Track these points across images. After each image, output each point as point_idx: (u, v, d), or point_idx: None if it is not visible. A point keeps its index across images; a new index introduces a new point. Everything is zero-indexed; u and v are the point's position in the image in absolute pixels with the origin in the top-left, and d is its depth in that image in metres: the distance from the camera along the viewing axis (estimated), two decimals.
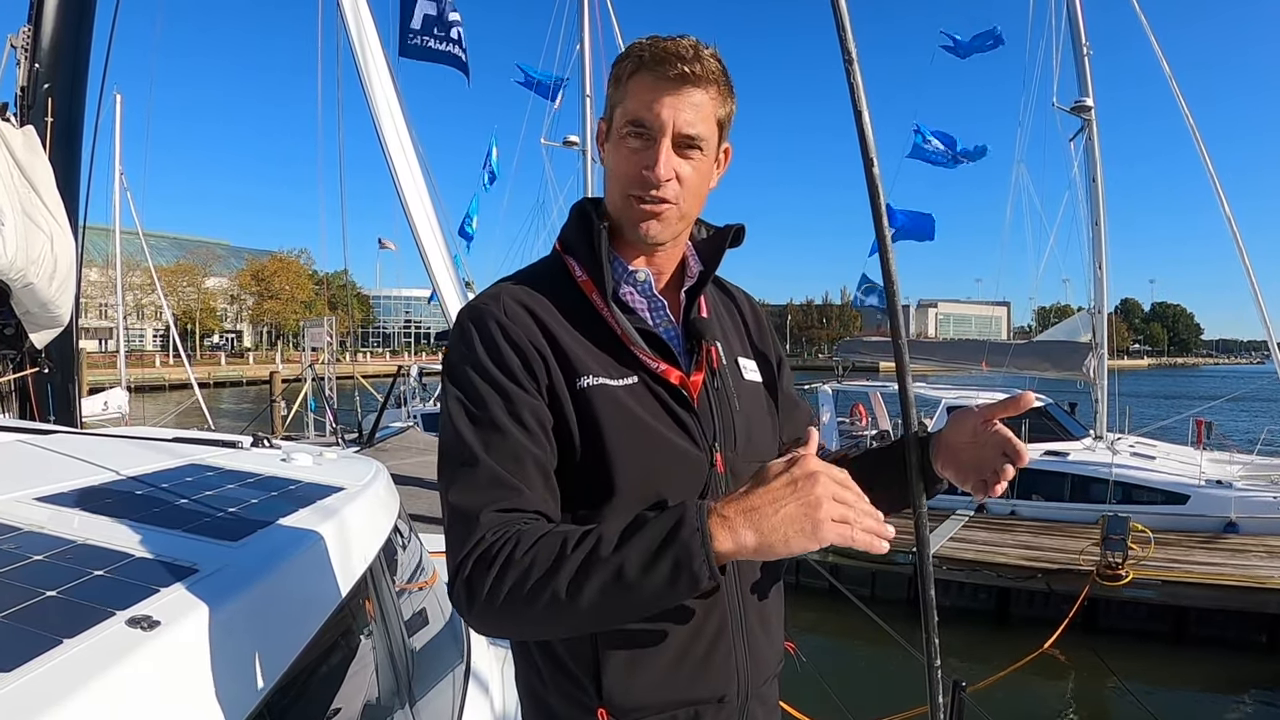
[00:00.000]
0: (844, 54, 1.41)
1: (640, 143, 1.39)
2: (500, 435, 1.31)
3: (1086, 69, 17.24)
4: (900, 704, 6.71)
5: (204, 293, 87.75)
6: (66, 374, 4.39)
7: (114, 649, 1.09)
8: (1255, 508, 12.90)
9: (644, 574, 1.15)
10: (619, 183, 1.43)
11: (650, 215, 1.41)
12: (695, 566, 1.14)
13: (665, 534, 1.16)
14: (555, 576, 1.17)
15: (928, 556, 1.53)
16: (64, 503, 1.72)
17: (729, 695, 1.43)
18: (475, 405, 1.34)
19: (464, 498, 1.28)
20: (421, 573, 2.90)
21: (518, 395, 1.34)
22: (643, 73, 1.38)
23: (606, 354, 1.42)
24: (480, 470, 1.29)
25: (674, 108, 1.37)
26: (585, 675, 1.37)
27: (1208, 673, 10.12)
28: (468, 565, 1.22)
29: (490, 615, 1.22)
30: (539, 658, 1.42)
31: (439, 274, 5.56)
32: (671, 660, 1.38)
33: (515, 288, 1.45)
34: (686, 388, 1.44)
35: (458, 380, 1.37)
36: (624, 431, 1.37)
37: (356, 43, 5.39)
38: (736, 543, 1.16)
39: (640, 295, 1.51)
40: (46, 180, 3.82)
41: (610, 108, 1.46)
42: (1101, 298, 17.61)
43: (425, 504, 9.98)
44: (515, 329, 1.38)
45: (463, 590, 1.23)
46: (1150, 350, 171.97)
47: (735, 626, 1.44)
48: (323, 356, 23.63)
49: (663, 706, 1.39)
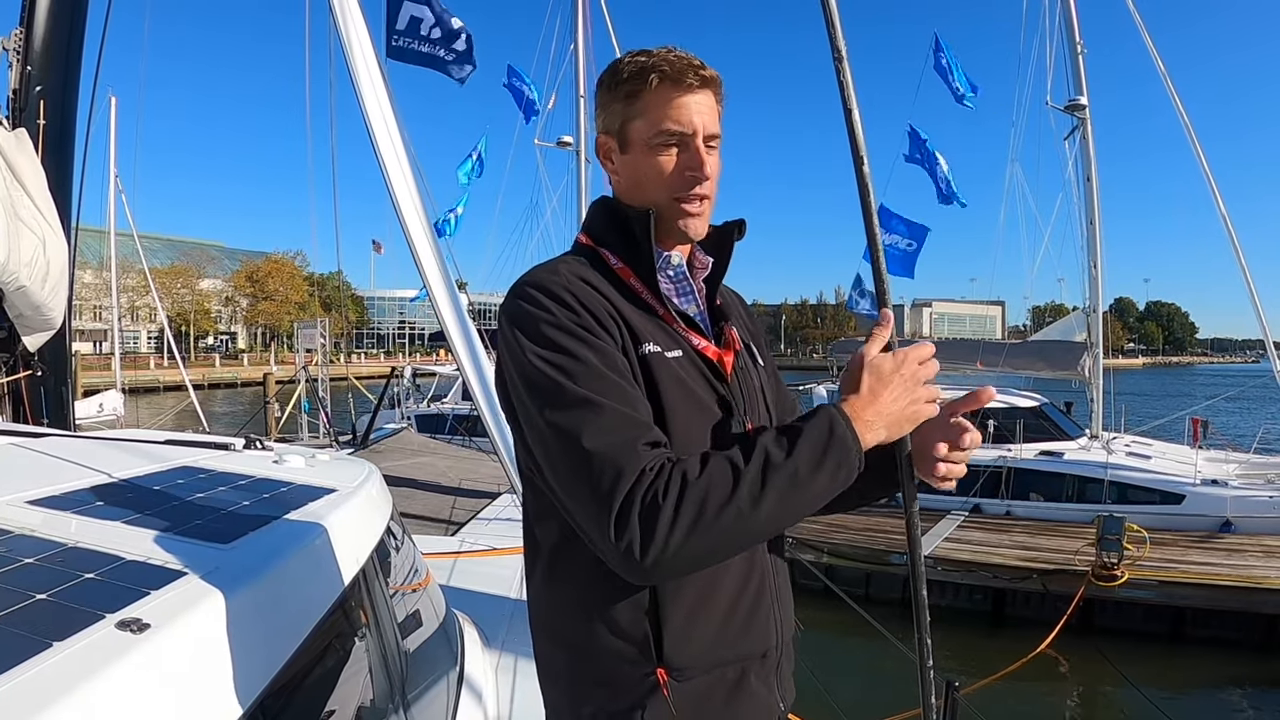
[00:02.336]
0: (833, 51, 1.42)
1: (677, 150, 1.51)
2: (609, 383, 1.35)
3: (1081, 68, 17.26)
4: (895, 705, 6.70)
5: (198, 294, 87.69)
6: (60, 377, 4.39)
7: (103, 652, 1.09)
8: (1251, 507, 12.93)
9: (814, 473, 1.30)
10: (662, 189, 1.52)
11: (695, 214, 1.54)
12: (853, 461, 1.33)
13: (826, 439, 1.32)
14: (738, 491, 1.25)
15: (920, 559, 1.56)
16: (56, 506, 1.72)
17: (770, 650, 1.53)
18: (572, 358, 1.35)
19: (602, 440, 1.28)
20: (415, 575, 2.90)
21: (608, 349, 1.39)
22: (666, 85, 1.49)
23: (656, 326, 1.50)
24: (607, 413, 1.31)
25: (699, 113, 1.50)
26: (642, 639, 1.41)
27: (1204, 673, 10.12)
28: (635, 504, 1.24)
29: (674, 546, 1.23)
30: (587, 625, 1.44)
31: (431, 275, 5.55)
32: (722, 619, 1.46)
33: (567, 265, 1.51)
34: (723, 363, 1.55)
35: (539, 339, 1.38)
36: (680, 399, 1.44)
37: (347, 44, 5.38)
38: (875, 437, 1.37)
39: (670, 280, 1.61)
40: (38, 183, 3.81)
41: (621, 121, 1.55)
42: (1096, 297, 17.65)
43: (419, 505, 9.99)
44: (586, 293, 1.44)
45: (636, 528, 1.23)
46: (1145, 349, 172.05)
47: (769, 585, 1.55)
48: (317, 358, 23.64)
49: (715, 663, 1.45)
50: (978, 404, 1.53)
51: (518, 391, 1.40)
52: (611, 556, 1.27)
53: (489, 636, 3.38)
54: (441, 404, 24.64)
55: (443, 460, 14.37)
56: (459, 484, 11.60)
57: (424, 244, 5.48)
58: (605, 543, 1.25)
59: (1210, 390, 44.69)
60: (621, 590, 1.40)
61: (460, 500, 10.25)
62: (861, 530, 13.28)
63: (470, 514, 9.20)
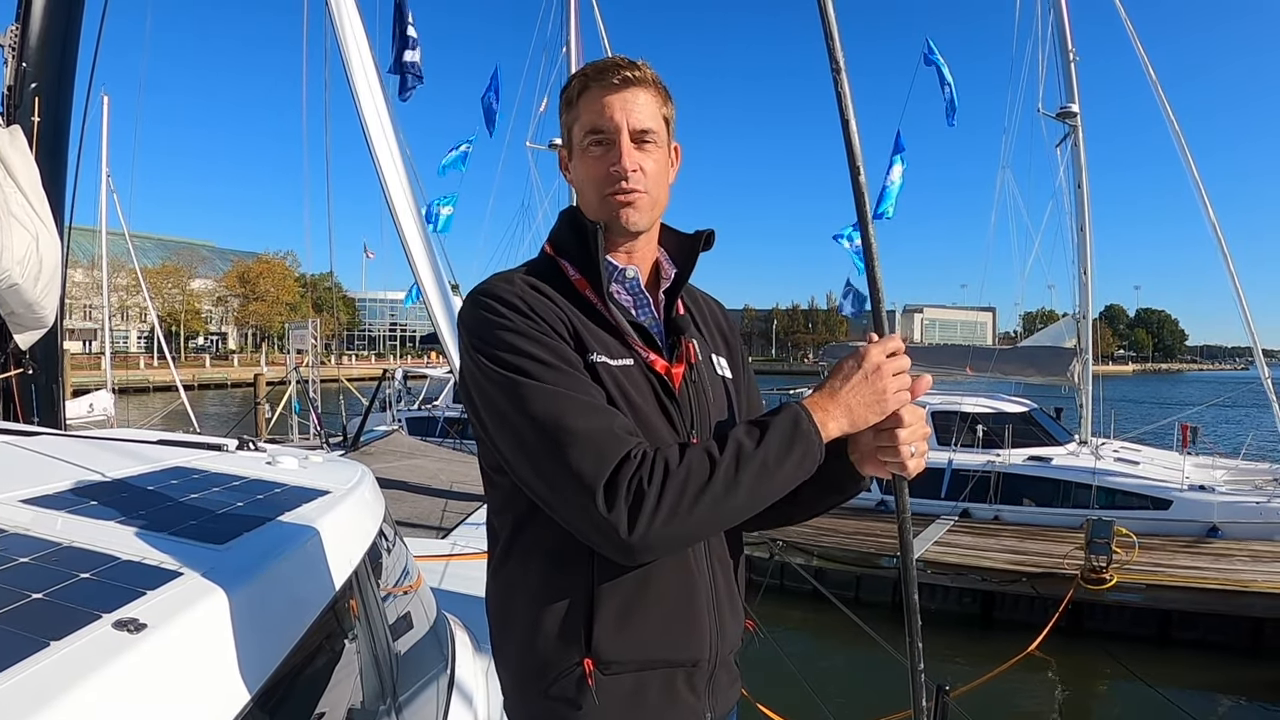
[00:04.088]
0: (832, 63, 1.43)
1: (601, 148, 1.55)
2: (574, 377, 1.43)
3: (1073, 75, 17.32)
4: (884, 708, 6.71)
5: (189, 294, 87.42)
6: (51, 375, 4.37)
7: (101, 651, 1.09)
8: (1238, 512, 12.97)
9: (781, 461, 1.39)
10: (593, 186, 1.58)
11: (626, 204, 1.55)
12: (816, 451, 1.43)
13: (790, 430, 1.41)
14: (714, 478, 1.35)
15: (911, 563, 1.58)
16: (49, 505, 1.72)
17: (701, 660, 1.56)
18: (533, 359, 1.42)
19: (582, 425, 1.36)
20: (406, 576, 2.89)
21: (563, 348, 1.46)
22: (591, 87, 1.56)
23: (606, 337, 1.54)
24: (579, 402, 1.39)
25: (624, 110, 1.54)
26: (574, 628, 1.47)
27: (1193, 676, 10.16)
28: (620, 488, 1.32)
29: (657, 528, 1.32)
30: (530, 612, 1.50)
31: (424, 276, 5.56)
32: (656, 621, 1.50)
33: (521, 274, 1.57)
34: (670, 377, 1.58)
35: (499, 344, 1.44)
36: (623, 409, 1.47)
37: (345, 47, 5.38)
38: (838, 427, 1.46)
39: (627, 292, 1.64)
40: (32, 181, 3.80)
41: (566, 131, 1.63)
42: (1086, 303, 17.70)
43: (409, 508, 9.95)
44: (538, 301, 1.50)
45: (623, 510, 1.31)
46: (1135, 356, 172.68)
47: (709, 597, 1.58)
48: (307, 359, 23.55)
49: (642, 664, 1.50)
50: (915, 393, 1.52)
51: (484, 395, 1.45)
52: (594, 537, 1.36)
53: (480, 639, 3.37)
54: (433, 406, 24.60)
55: (433, 462, 14.32)
56: (450, 486, 11.56)
57: (418, 246, 5.49)
58: (588, 523, 1.34)
59: (1199, 397, 44.84)
60: (565, 581, 1.48)
61: (451, 503, 10.20)
62: (851, 533, 13.30)
63: (461, 517, 9.16)
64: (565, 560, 1.47)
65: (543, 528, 1.47)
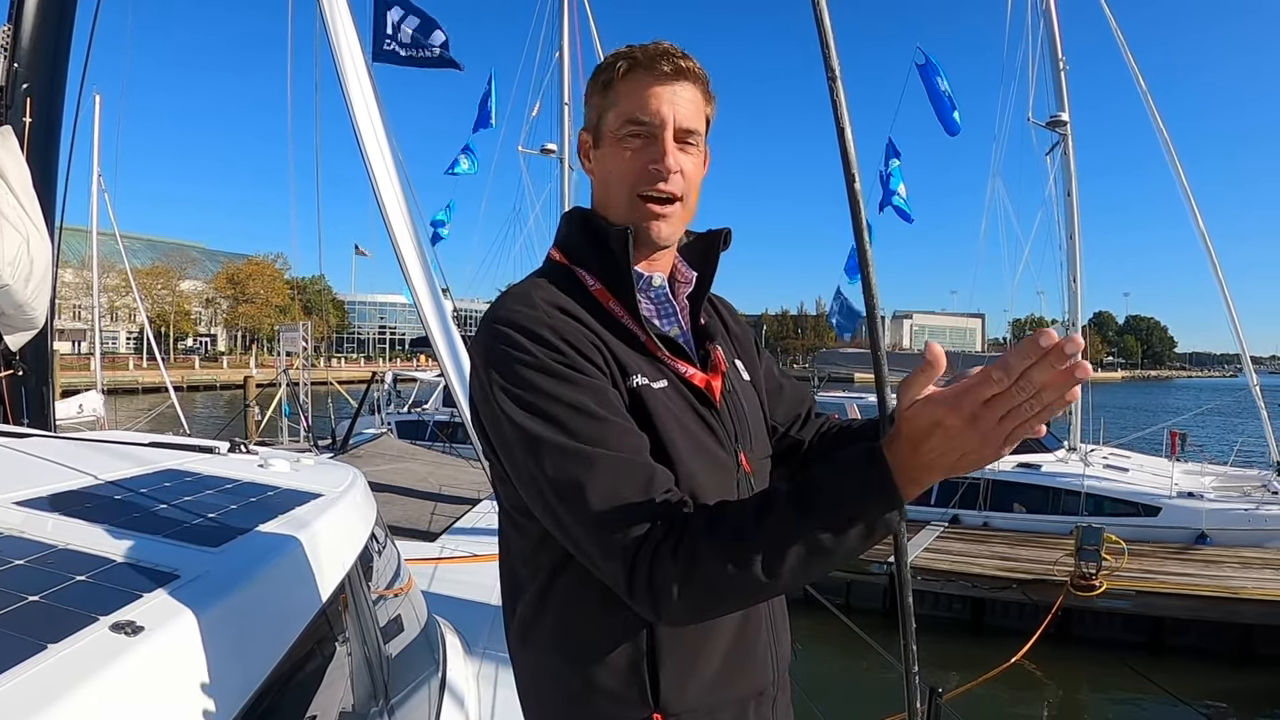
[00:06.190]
0: (827, 71, 1.40)
1: (641, 141, 1.40)
2: (606, 426, 1.24)
3: (1063, 84, 17.42)
4: (874, 712, 6.71)
5: (179, 296, 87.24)
6: (41, 377, 4.35)
7: (100, 654, 1.09)
8: (1226, 519, 13.05)
9: (839, 542, 1.11)
10: (624, 184, 1.42)
11: (659, 216, 1.41)
12: (892, 524, 1.12)
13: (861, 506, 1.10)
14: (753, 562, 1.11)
15: (906, 564, 1.56)
16: (41, 507, 1.71)
17: (767, 687, 1.46)
18: (561, 404, 1.24)
19: (605, 497, 1.19)
20: (397, 579, 2.90)
21: (597, 384, 1.28)
22: (637, 71, 1.40)
23: (638, 357, 1.39)
24: (606, 462, 1.21)
25: (672, 102, 1.39)
26: (638, 681, 1.33)
27: (1182, 682, 10.18)
28: (646, 566, 1.15)
29: (687, 606, 1.15)
30: (582, 664, 1.36)
31: (416, 280, 5.55)
32: (720, 660, 1.38)
33: (542, 291, 1.38)
34: (710, 390, 1.45)
35: (522, 384, 1.27)
36: (670, 433, 1.33)
37: (335, 45, 5.38)
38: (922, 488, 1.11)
39: (651, 301, 1.50)
40: (23, 181, 3.78)
41: (597, 115, 1.46)
42: (1076, 310, 17.78)
43: (399, 511, 9.92)
44: (566, 325, 1.32)
45: (646, 591, 1.15)
46: (1124, 363, 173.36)
47: (766, 621, 1.47)
48: (297, 361, 23.48)
49: (713, 707, 1.38)
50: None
51: (503, 441, 1.30)
52: (626, 599, 1.20)
53: (470, 643, 3.38)
54: (422, 410, 24.55)
55: (423, 466, 14.28)
56: (439, 490, 11.53)
57: (409, 249, 5.49)
58: (618, 589, 1.20)
59: (1188, 404, 44.99)
60: (620, 630, 1.33)
61: (440, 506, 10.17)
62: None
63: (450, 520, 9.14)
64: (620, 604, 1.23)
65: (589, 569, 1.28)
